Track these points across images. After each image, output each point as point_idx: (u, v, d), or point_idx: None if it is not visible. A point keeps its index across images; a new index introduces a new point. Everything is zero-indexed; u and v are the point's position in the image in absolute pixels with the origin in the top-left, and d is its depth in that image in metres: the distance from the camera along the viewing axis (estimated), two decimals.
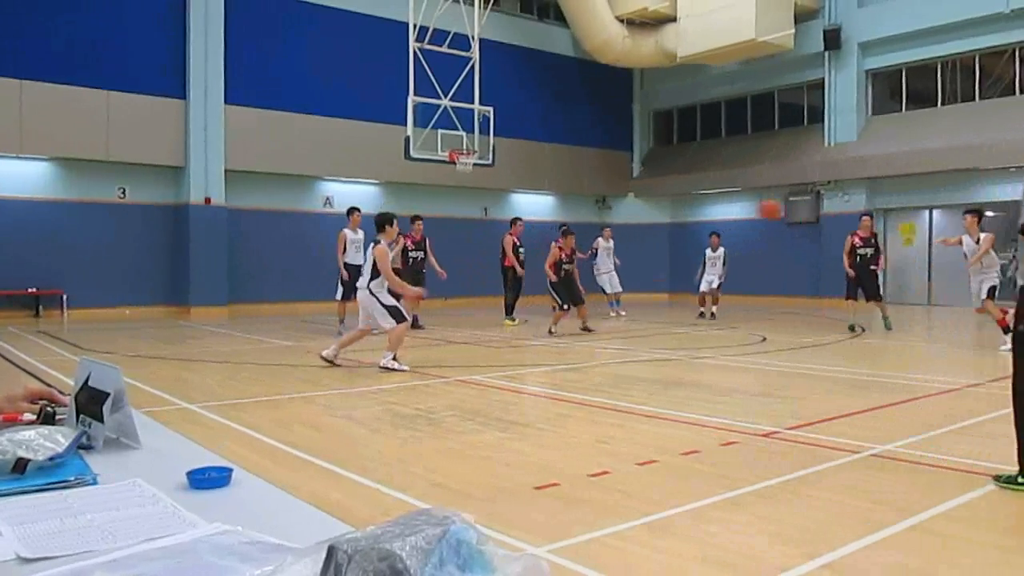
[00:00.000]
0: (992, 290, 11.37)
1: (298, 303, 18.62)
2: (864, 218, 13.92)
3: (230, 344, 12.09)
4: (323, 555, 0.79)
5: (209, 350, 11.29)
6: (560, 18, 23.05)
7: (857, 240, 13.59)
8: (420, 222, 14.14)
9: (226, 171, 17.83)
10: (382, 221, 9.41)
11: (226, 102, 17.75)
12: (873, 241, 13.64)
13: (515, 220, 15.75)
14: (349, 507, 3.99)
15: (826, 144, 21.12)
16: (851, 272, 13.49)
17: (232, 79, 17.80)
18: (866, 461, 4.85)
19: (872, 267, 13.46)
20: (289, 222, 19.12)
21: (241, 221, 18.21)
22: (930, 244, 20.05)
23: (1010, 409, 4.27)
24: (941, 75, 19.74)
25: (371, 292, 8.99)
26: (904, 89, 20.50)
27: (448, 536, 0.80)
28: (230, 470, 1.40)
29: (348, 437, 5.84)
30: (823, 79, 21.14)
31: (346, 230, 13.22)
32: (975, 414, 6.25)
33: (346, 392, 7.78)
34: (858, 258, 13.50)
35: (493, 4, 18.07)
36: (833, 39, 20.42)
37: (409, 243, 13.81)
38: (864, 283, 13.50)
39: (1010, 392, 4.27)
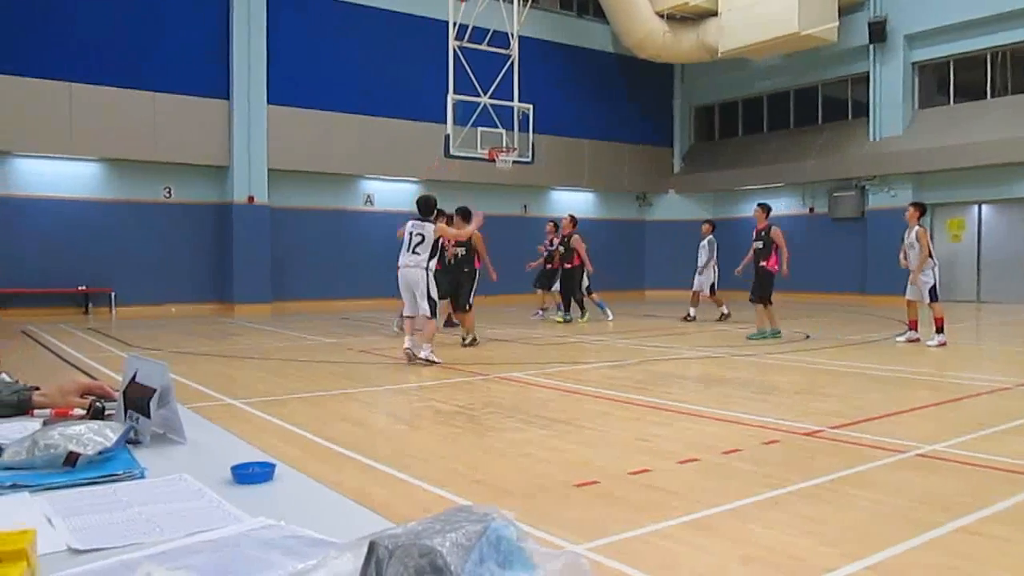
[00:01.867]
0: (933, 290, 10.80)
1: (340, 300, 18.82)
2: (756, 208, 12.56)
3: (273, 341, 12.25)
4: (364, 550, 0.80)
5: (252, 347, 11.45)
6: (600, 14, 22.95)
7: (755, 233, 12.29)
8: (444, 217, 14.09)
9: (269, 170, 18.07)
10: (432, 204, 9.54)
11: (269, 102, 17.98)
12: (764, 235, 12.05)
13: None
14: (389, 503, 4.03)
15: (871, 138, 20.74)
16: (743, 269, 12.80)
17: (274, 79, 18.02)
18: (912, 461, 4.76)
19: (761, 263, 12.00)
20: (331, 220, 19.32)
21: (284, 220, 18.44)
22: (979, 240, 19.62)
23: None
24: (990, 66, 19.27)
25: (427, 270, 9.18)
26: (952, 81, 20.05)
27: (488, 533, 0.80)
28: (273, 465, 1.41)
29: (389, 433, 5.89)
30: (868, 72, 20.76)
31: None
32: None
33: (387, 389, 7.84)
34: (752, 252, 12.31)
35: (532, 1, 18.05)
36: (878, 31, 20.04)
37: None
38: (754, 281, 12.10)
39: None
